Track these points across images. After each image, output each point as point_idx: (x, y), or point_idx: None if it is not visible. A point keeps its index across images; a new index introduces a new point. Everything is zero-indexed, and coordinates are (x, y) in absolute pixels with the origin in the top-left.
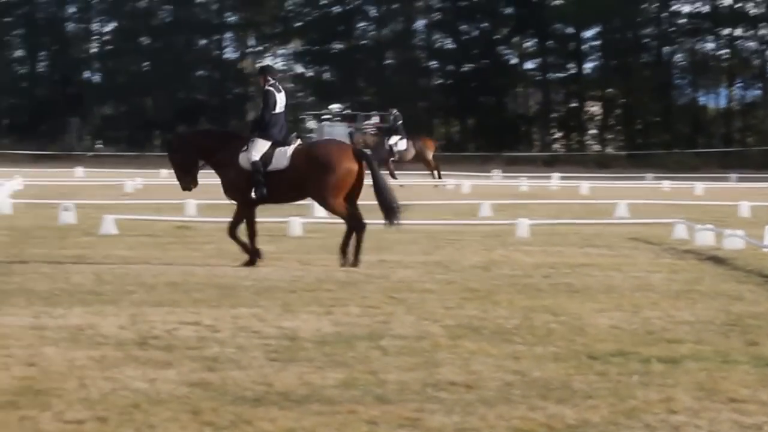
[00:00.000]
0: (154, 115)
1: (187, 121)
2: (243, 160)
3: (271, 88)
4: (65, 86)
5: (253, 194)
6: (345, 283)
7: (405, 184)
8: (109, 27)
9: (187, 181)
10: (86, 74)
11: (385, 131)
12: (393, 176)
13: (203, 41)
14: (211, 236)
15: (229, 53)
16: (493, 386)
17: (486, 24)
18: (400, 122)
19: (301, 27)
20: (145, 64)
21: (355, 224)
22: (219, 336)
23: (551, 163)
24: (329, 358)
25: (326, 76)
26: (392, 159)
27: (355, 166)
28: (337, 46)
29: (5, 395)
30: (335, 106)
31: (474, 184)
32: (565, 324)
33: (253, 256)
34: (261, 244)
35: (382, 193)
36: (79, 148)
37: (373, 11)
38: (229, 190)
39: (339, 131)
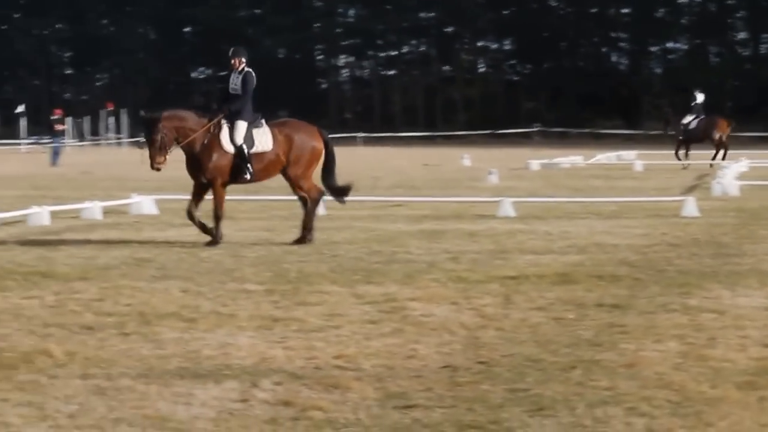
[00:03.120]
0: None
1: None
2: (226, 142)
3: (251, 70)
4: None
5: (247, 176)
6: None
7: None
8: None
9: (160, 161)
10: None
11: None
12: (677, 156)
13: None
14: None
15: None
16: None
17: None
18: (698, 101)
19: None
20: None
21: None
22: None
23: None
24: None
25: None
26: (680, 138)
27: (322, 146)
28: None
29: (743, 375)
30: None
31: None
32: None
33: (214, 238)
34: None
35: (330, 173)
36: None
37: None
38: (211, 172)
39: None
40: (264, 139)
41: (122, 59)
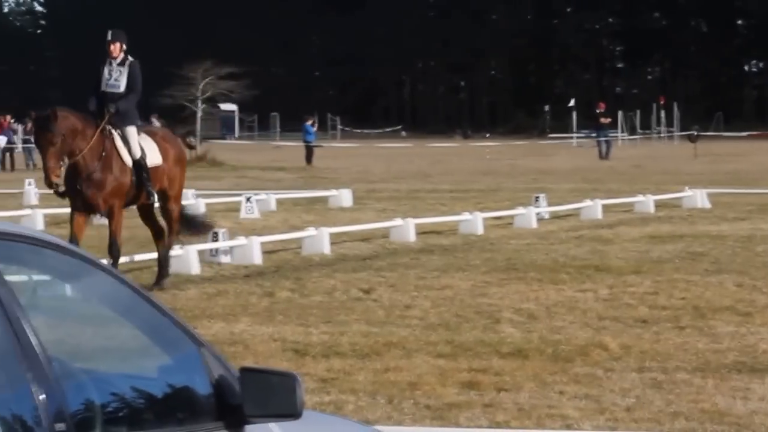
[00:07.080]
0: None
1: None
2: (124, 154)
3: (136, 60)
4: None
5: (153, 198)
6: None
7: None
8: None
9: (58, 174)
10: None
11: None
12: None
13: None
14: None
15: None
16: None
17: None
18: None
19: None
20: None
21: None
22: None
23: None
24: None
25: None
26: None
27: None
28: None
29: None
30: None
31: None
32: None
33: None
34: None
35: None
36: None
37: None
38: (113, 194)
39: None
40: (151, 151)
41: (674, 52)
